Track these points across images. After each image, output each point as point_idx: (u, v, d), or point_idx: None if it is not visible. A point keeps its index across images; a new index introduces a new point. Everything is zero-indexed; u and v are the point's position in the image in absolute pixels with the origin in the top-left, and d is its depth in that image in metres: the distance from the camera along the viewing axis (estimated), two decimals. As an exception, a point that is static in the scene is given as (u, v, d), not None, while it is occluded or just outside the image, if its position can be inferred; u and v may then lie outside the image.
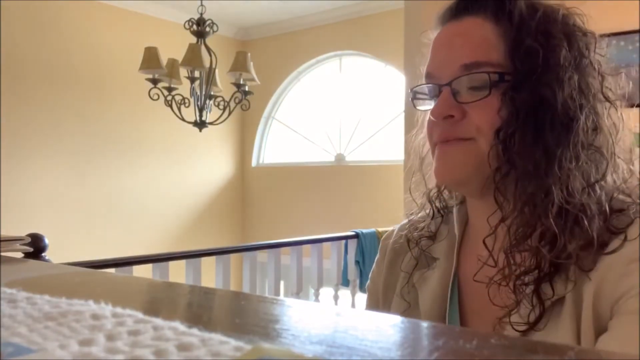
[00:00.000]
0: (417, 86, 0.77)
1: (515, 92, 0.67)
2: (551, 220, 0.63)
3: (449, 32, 0.73)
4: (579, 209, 0.64)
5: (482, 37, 0.69)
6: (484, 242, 0.68)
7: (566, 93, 0.66)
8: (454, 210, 0.81)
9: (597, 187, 0.65)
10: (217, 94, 3.82)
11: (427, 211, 0.83)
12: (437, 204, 0.82)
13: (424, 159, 0.81)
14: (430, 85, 0.74)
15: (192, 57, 3.42)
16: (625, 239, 0.62)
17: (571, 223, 0.63)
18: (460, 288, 0.76)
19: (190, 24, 3.66)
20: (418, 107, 0.79)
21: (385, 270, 0.85)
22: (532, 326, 0.63)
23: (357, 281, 3.49)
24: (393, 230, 0.88)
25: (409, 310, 0.78)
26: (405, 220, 0.87)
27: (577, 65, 0.68)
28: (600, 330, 0.61)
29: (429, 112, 0.75)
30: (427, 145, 0.78)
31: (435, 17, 0.76)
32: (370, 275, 0.89)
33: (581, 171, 0.65)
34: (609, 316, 0.61)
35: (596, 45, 0.70)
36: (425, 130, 0.77)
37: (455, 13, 0.73)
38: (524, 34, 0.68)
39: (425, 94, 0.76)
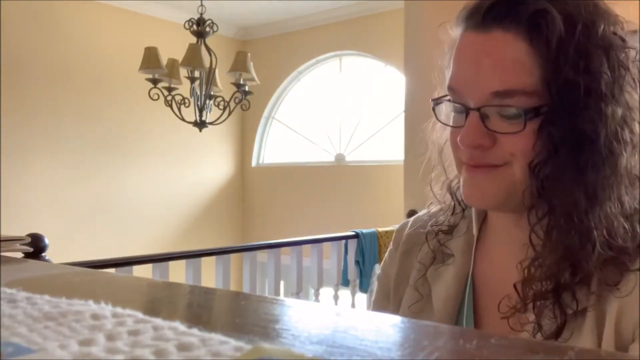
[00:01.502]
0: (439, 98, 0.71)
1: (553, 126, 0.61)
2: (591, 266, 0.60)
3: (476, 47, 0.65)
4: (619, 249, 0.61)
5: (514, 59, 0.62)
6: (515, 287, 0.65)
7: (610, 130, 0.61)
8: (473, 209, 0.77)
9: (636, 221, 0.62)
10: (217, 94, 3.82)
11: (447, 202, 0.79)
12: (459, 196, 0.77)
13: (442, 148, 0.77)
14: (455, 104, 0.68)
15: (192, 57, 3.42)
16: None
17: (611, 270, 0.61)
18: (475, 287, 0.74)
19: (190, 24, 3.66)
20: (440, 118, 0.72)
21: (399, 262, 0.82)
22: (556, 337, 0.61)
23: (357, 281, 3.49)
24: (407, 222, 0.86)
25: (421, 302, 0.76)
26: (422, 212, 0.85)
27: (618, 82, 0.62)
28: (621, 350, 0.59)
29: (449, 110, 0.71)
30: (445, 136, 0.74)
31: (459, 14, 0.69)
32: (381, 266, 0.87)
33: (623, 210, 0.61)
34: (631, 338, 0.59)
35: (637, 55, 0.64)
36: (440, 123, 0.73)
37: (482, 22, 0.64)
38: (562, 59, 0.60)
39: (447, 102, 0.70)
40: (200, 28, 3.65)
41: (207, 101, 3.75)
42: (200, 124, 3.76)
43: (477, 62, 0.64)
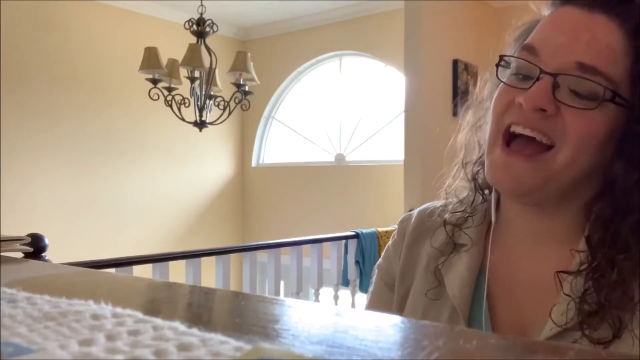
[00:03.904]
0: (511, 56, 0.68)
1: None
2: None
3: (576, 20, 0.64)
4: None
5: (610, 46, 0.62)
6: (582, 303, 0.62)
7: None
8: (493, 194, 0.75)
9: None
10: (217, 94, 3.82)
11: (466, 191, 0.78)
12: (480, 183, 0.76)
13: (464, 147, 0.77)
14: (528, 63, 0.65)
15: (192, 57, 3.42)
16: None
17: None
18: (487, 276, 0.73)
19: (190, 24, 3.66)
20: (499, 76, 0.69)
21: (404, 252, 0.81)
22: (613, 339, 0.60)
23: (357, 281, 3.49)
24: (411, 214, 0.84)
25: (439, 288, 0.75)
26: (429, 204, 0.83)
27: None
28: None
29: (497, 86, 0.68)
30: (469, 136, 0.73)
31: None
32: (383, 255, 0.85)
33: None
34: None
35: None
36: (491, 108, 0.69)
37: (589, 3, 0.64)
38: None
39: (507, 64, 0.68)
40: (200, 28, 3.65)
41: (207, 101, 3.76)
42: (200, 124, 3.77)
43: (574, 33, 0.63)
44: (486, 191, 0.77)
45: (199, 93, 3.74)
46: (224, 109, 3.77)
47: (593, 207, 0.66)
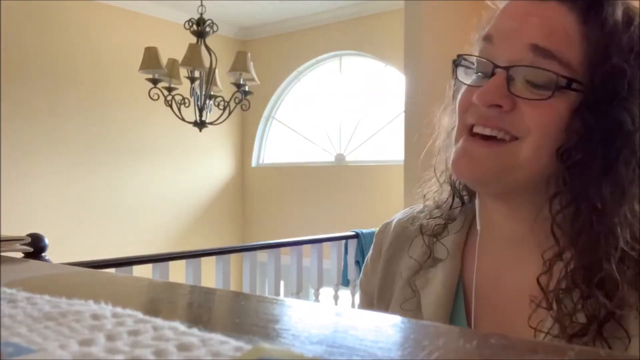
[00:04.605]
0: (467, 54, 0.66)
1: (588, 110, 0.59)
2: (613, 265, 0.56)
3: (527, 7, 0.62)
4: None
5: (562, 27, 0.60)
6: (538, 280, 0.60)
7: None
8: (477, 201, 0.72)
9: None
10: (217, 94, 3.82)
11: (444, 195, 0.76)
12: (458, 186, 0.74)
13: (450, 132, 0.73)
14: (483, 59, 0.63)
15: (192, 57, 3.42)
16: None
17: (633, 271, 0.57)
18: (467, 289, 0.70)
19: (190, 24, 3.66)
20: (458, 76, 0.67)
21: (382, 269, 0.78)
22: None
23: (357, 281, 3.49)
24: (388, 224, 0.82)
25: (415, 299, 0.71)
26: (409, 210, 0.81)
27: None
28: None
29: (464, 85, 0.66)
30: (455, 121, 0.71)
31: None
32: (363, 271, 0.83)
33: None
34: None
35: None
36: (456, 106, 0.67)
37: None
38: (613, 47, 0.60)
39: (472, 64, 0.65)
40: (200, 28, 3.65)
41: (207, 101, 3.76)
42: (200, 124, 3.76)
43: (525, 17, 0.62)
44: (465, 197, 0.75)
45: (199, 93, 3.74)
46: (224, 109, 3.77)
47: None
